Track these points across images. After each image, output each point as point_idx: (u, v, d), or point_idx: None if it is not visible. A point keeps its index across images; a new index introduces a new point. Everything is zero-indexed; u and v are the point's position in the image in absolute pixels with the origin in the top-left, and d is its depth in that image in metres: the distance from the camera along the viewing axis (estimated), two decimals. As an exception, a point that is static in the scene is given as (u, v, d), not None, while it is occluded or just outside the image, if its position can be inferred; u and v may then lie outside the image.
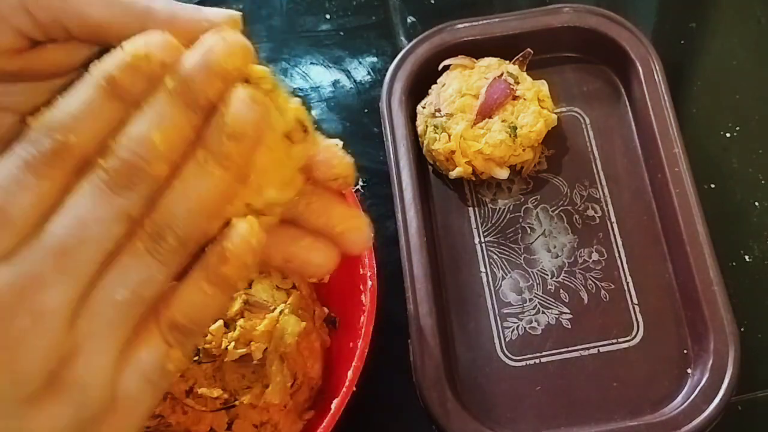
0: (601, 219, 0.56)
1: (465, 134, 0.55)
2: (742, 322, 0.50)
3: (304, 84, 0.64)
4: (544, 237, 0.56)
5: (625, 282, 0.54)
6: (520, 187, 0.58)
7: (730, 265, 0.54)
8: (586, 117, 0.60)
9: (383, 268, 0.47)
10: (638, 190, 0.57)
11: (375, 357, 0.40)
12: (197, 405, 0.46)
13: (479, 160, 0.55)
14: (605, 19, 0.59)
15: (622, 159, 0.58)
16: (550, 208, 0.57)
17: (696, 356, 0.51)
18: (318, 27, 0.66)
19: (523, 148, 0.55)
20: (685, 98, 0.61)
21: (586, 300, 0.54)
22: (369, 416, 0.50)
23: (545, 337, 0.53)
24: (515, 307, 0.54)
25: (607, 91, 0.60)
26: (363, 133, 0.61)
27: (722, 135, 0.59)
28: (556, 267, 0.55)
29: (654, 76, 0.57)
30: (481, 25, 0.60)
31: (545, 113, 0.56)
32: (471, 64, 0.58)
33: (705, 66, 0.63)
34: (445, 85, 0.57)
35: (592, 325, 0.53)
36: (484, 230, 0.56)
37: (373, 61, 0.64)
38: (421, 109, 0.58)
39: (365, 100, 0.62)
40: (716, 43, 0.63)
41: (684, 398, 0.49)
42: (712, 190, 0.57)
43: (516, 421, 0.50)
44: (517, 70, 0.57)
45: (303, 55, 0.65)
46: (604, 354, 0.52)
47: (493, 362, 0.52)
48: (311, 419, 0.48)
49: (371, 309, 0.43)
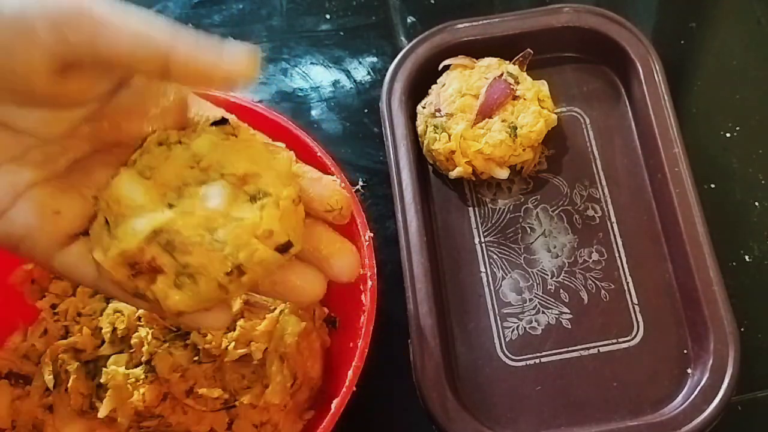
0: (601, 219, 0.56)
1: (465, 134, 0.55)
2: (742, 322, 0.51)
3: (304, 84, 0.64)
4: (544, 237, 0.56)
5: (625, 282, 0.54)
6: (520, 187, 0.58)
7: (730, 265, 0.54)
8: (586, 117, 0.60)
9: (383, 268, 0.47)
10: (638, 190, 0.57)
11: (375, 357, 0.40)
12: (197, 405, 0.46)
13: (479, 160, 0.55)
14: (605, 19, 0.59)
15: (622, 159, 0.58)
16: (550, 208, 0.57)
17: (696, 356, 0.51)
18: (318, 27, 0.66)
19: (523, 148, 0.55)
20: (685, 98, 0.61)
21: (586, 300, 0.54)
22: (369, 416, 0.50)
23: (545, 337, 0.53)
24: (515, 307, 0.54)
25: (607, 91, 0.60)
26: (363, 133, 0.61)
27: (722, 135, 0.59)
28: (556, 267, 0.55)
29: (654, 76, 0.57)
30: (481, 25, 0.60)
31: (545, 113, 0.56)
32: (471, 64, 0.58)
33: (705, 66, 0.63)
34: (445, 85, 0.57)
35: (592, 325, 0.53)
36: (484, 230, 0.56)
37: (373, 61, 0.64)
38: (421, 109, 0.58)
39: (365, 100, 0.62)
40: (716, 43, 0.63)
41: (684, 398, 0.49)
42: (712, 190, 0.57)
43: (516, 421, 0.50)
44: (517, 70, 0.57)
45: (303, 55, 0.65)
46: (604, 354, 0.52)
47: (493, 362, 0.52)
48: (311, 419, 0.48)
49: (371, 309, 0.43)
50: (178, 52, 0.29)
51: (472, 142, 0.55)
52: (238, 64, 0.30)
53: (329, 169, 0.48)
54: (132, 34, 0.29)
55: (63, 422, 0.47)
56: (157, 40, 0.29)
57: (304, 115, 0.62)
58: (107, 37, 0.29)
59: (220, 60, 0.30)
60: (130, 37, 0.29)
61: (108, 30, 0.29)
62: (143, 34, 0.29)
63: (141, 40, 0.29)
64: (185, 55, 0.29)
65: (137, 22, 0.29)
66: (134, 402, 0.45)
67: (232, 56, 0.30)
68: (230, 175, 0.32)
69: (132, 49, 0.29)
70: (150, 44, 0.29)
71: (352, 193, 0.47)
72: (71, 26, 0.29)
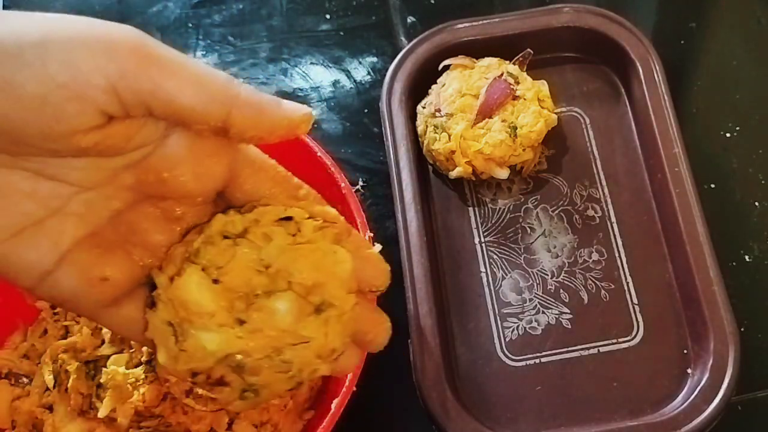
0: (601, 219, 0.56)
1: (465, 134, 0.55)
2: (742, 322, 0.50)
3: (304, 84, 0.64)
4: (544, 237, 0.56)
5: (625, 282, 0.54)
6: (520, 187, 0.58)
7: (730, 265, 0.54)
8: (586, 117, 0.60)
9: (383, 268, 0.47)
10: (638, 190, 0.57)
11: (375, 357, 0.40)
12: (197, 405, 0.46)
13: (479, 160, 0.55)
14: (605, 19, 0.59)
15: (622, 159, 0.58)
16: (550, 208, 0.57)
17: (696, 356, 0.51)
18: (318, 27, 0.66)
19: (523, 148, 0.55)
20: (685, 98, 0.61)
21: (586, 300, 0.54)
22: (369, 416, 0.50)
23: (545, 337, 0.53)
24: (515, 307, 0.54)
25: (607, 91, 0.60)
26: (363, 133, 0.61)
27: (722, 135, 0.59)
28: (556, 267, 0.55)
29: (654, 76, 0.57)
30: (481, 25, 0.60)
31: (545, 113, 0.56)
32: (471, 64, 0.58)
33: (705, 66, 0.63)
34: (445, 85, 0.57)
35: (592, 325, 0.53)
36: (484, 230, 0.56)
37: (373, 61, 0.64)
38: (421, 109, 0.58)
39: (365, 100, 0.62)
40: (716, 43, 0.63)
41: (684, 398, 0.49)
42: (712, 190, 0.57)
43: (516, 421, 0.50)
44: (517, 70, 0.57)
45: (303, 55, 0.65)
46: (604, 354, 0.52)
47: (493, 362, 0.52)
48: (311, 419, 0.48)
49: (371, 309, 0.43)
50: (240, 108, 0.28)
51: (472, 142, 0.55)
52: (298, 116, 0.30)
53: (329, 168, 0.48)
54: (194, 86, 0.28)
55: (63, 422, 0.47)
56: (219, 93, 0.28)
57: (304, 115, 0.62)
58: (167, 91, 0.27)
59: (281, 110, 0.29)
60: (192, 91, 0.28)
61: (169, 84, 0.27)
62: (206, 86, 0.28)
63: (204, 97, 0.28)
64: (248, 110, 0.29)
65: (198, 73, 0.28)
66: (134, 402, 0.45)
67: (291, 108, 0.30)
68: (297, 284, 0.32)
69: (193, 104, 0.28)
70: (213, 100, 0.28)
71: (351, 194, 0.47)
72: (130, 81, 0.27)
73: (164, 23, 0.66)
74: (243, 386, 0.32)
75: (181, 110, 0.28)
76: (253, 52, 0.65)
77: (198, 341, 0.31)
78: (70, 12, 0.67)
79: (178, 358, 0.32)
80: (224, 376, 0.32)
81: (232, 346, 0.31)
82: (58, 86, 0.26)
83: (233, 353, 0.32)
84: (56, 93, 0.26)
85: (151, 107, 0.28)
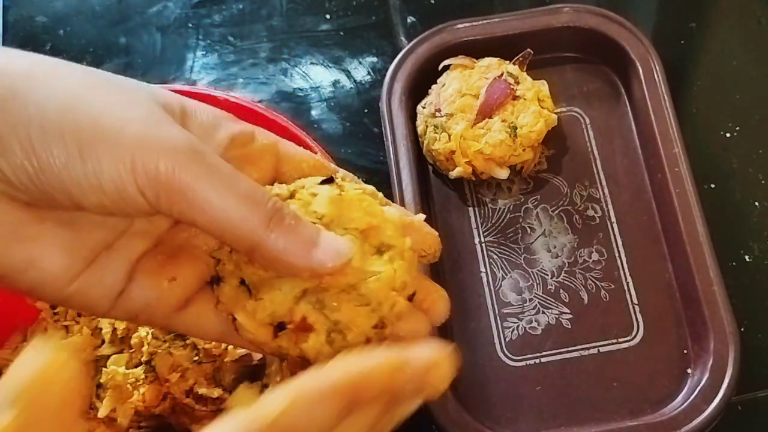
0: (601, 219, 0.56)
1: (465, 134, 0.55)
2: (742, 322, 0.50)
3: (304, 84, 0.64)
4: (544, 237, 0.56)
5: (625, 282, 0.54)
6: (520, 187, 0.58)
7: (730, 265, 0.54)
8: (586, 117, 0.60)
9: (383, 268, 0.47)
10: (638, 190, 0.57)
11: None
12: (197, 405, 0.46)
13: (479, 160, 0.55)
14: (605, 19, 0.59)
15: (622, 159, 0.58)
16: (550, 208, 0.57)
17: (696, 356, 0.51)
18: (318, 27, 0.66)
19: (523, 148, 0.55)
20: (685, 98, 0.61)
21: (586, 300, 0.54)
22: (369, 416, 0.50)
23: (545, 337, 0.53)
24: (515, 307, 0.54)
25: (607, 91, 0.60)
26: (363, 133, 0.61)
27: (722, 135, 0.59)
28: (556, 267, 0.55)
29: (654, 76, 0.57)
30: (481, 25, 0.60)
31: (545, 113, 0.56)
32: (471, 64, 0.58)
33: (705, 66, 0.63)
34: (445, 85, 0.57)
35: (592, 325, 0.53)
36: (484, 230, 0.56)
37: (373, 61, 0.64)
38: (421, 109, 0.58)
39: (365, 100, 0.62)
40: (716, 43, 0.63)
41: (684, 398, 0.49)
42: (712, 190, 0.57)
43: (516, 421, 0.50)
44: (517, 70, 0.57)
45: (303, 55, 0.65)
46: (604, 354, 0.52)
47: (493, 362, 0.52)
48: (311, 419, 0.48)
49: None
50: (268, 244, 0.29)
51: (472, 142, 0.55)
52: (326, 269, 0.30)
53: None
54: (226, 217, 0.29)
55: (63, 422, 0.47)
56: (250, 228, 0.29)
57: (304, 115, 0.62)
58: (201, 216, 0.29)
59: (309, 257, 0.30)
60: (223, 220, 0.29)
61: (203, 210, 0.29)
62: (238, 220, 0.29)
63: (234, 228, 0.29)
64: (274, 249, 0.29)
65: (234, 206, 0.29)
66: (134, 402, 0.45)
67: (325, 253, 0.30)
68: (353, 229, 0.33)
69: (222, 231, 0.29)
70: (242, 232, 0.29)
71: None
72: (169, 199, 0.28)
73: (164, 23, 0.66)
74: (328, 326, 0.32)
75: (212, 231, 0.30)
76: (253, 52, 0.65)
77: (272, 285, 0.32)
78: (70, 11, 0.67)
79: (257, 309, 0.32)
80: (306, 317, 0.32)
81: (307, 282, 0.32)
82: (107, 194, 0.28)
83: (309, 288, 0.32)
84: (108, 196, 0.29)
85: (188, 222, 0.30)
